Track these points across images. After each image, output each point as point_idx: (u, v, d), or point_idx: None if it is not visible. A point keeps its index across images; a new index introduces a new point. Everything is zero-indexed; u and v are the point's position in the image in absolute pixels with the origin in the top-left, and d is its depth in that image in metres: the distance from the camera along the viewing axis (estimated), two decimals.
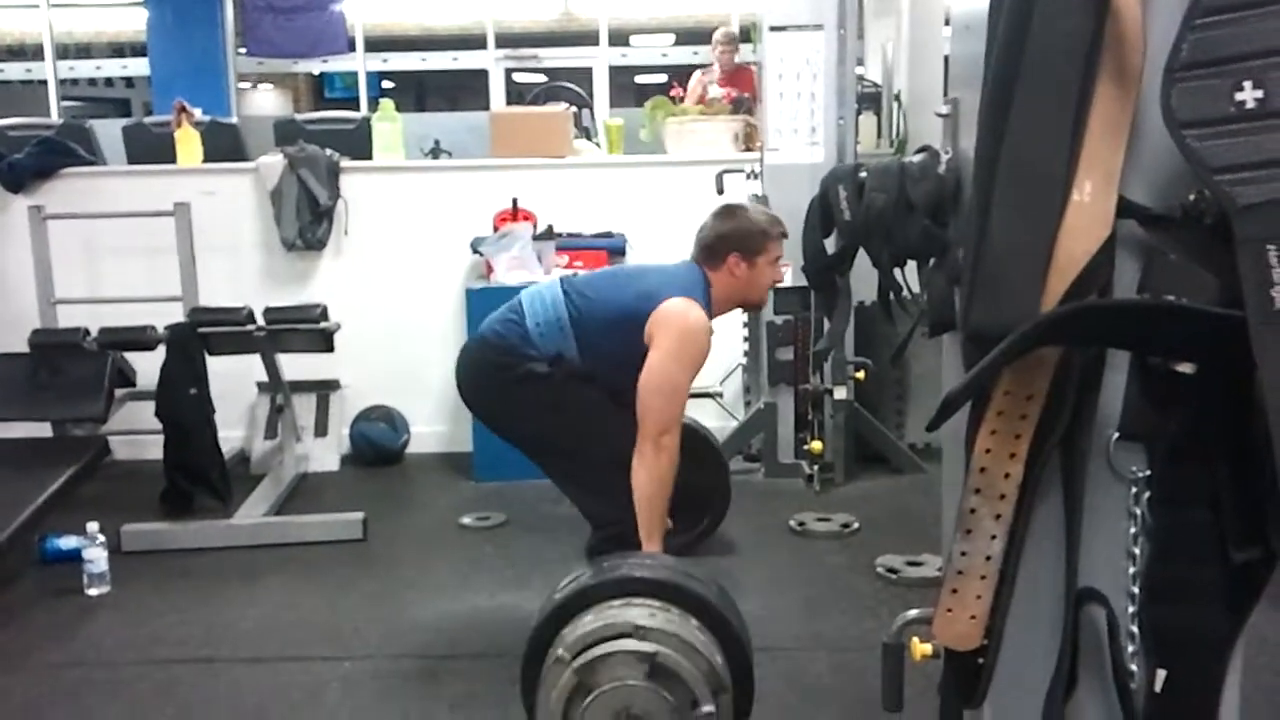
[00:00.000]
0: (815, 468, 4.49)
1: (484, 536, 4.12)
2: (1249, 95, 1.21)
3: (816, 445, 4.47)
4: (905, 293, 1.65)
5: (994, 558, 1.38)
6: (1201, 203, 1.28)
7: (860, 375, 4.51)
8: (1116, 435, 1.34)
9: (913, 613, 1.74)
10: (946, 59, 4.87)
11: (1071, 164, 1.28)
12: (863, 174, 1.59)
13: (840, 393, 4.52)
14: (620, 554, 2.67)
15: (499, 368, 3.20)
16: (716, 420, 4.88)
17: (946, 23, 4.99)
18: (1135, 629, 1.36)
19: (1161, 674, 1.36)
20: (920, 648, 1.67)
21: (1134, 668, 1.36)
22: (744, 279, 3.23)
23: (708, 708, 2.15)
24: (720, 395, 5.00)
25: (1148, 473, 1.34)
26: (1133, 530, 1.35)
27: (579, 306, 3.17)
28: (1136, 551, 1.35)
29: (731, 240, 3.22)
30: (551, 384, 3.14)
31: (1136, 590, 1.36)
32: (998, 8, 1.34)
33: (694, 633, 2.23)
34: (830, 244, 1.76)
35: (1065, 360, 1.32)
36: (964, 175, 1.47)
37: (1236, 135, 1.21)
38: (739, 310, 3.44)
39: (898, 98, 5.26)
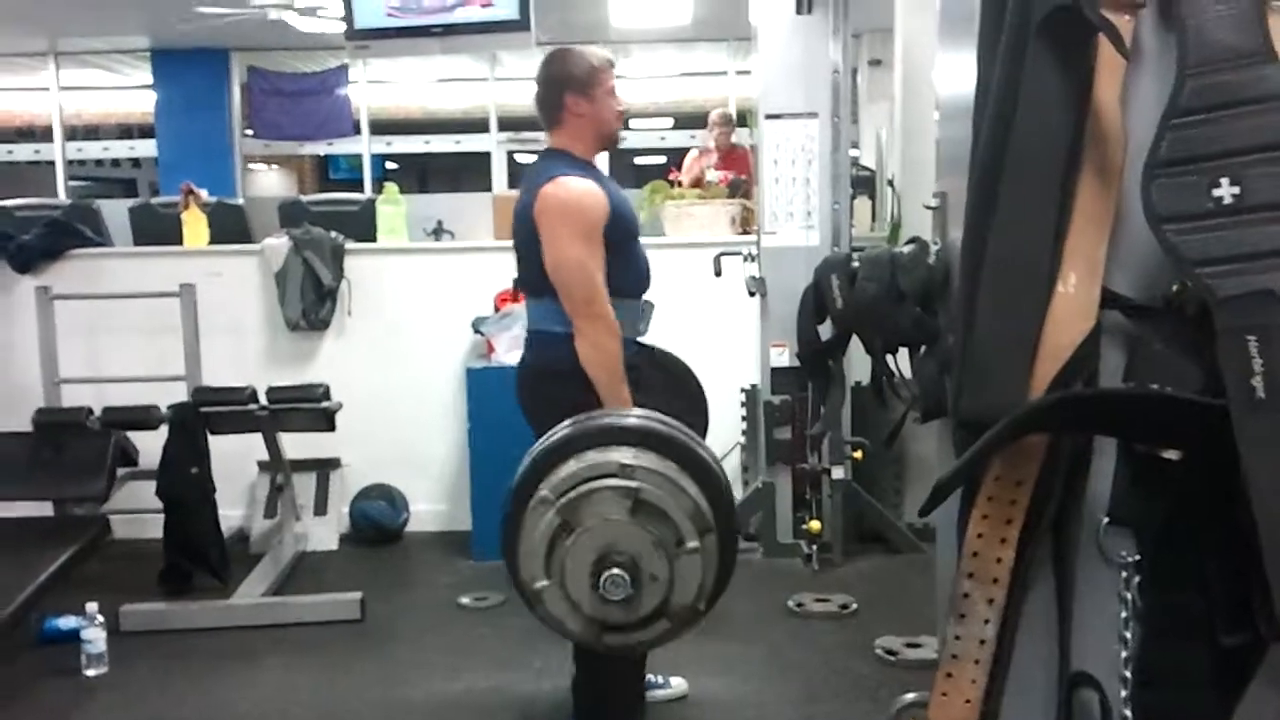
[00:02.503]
0: (813, 547, 4.49)
1: (481, 617, 4.10)
2: (1226, 191, 1.26)
3: (815, 525, 4.48)
4: (897, 379, 1.69)
5: (988, 642, 1.40)
6: (1184, 294, 1.32)
7: (858, 455, 4.53)
8: (1106, 520, 1.37)
9: (909, 696, 1.75)
10: (938, 144, 4.96)
11: (1056, 256, 1.33)
12: (855, 264, 1.64)
13: (838, 472, 4.54)
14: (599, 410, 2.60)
15: (546, 399, 3.08)
16: None
17: (938, 108, 5.09)
18: (1128, 713, 1.37)
19: None
20: None
21: None
22: (589, 115, 3.09)
23: (693, 544, 2.13)
24: None
25: (1137, 557, 1.36)
26: (1124, 614, 1.37)
27: (522, 275, 3.12)
28: (1128, 635, 1.37)
29: (561, 82, 3.11)
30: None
31: (1129, 674, 1.37)
32: (982, 103, 1.39)
33: (678, 474, 2.20)
34: (825, 330, 1.81)
35: (1054, 447, 1.35)
36: (953, 265, 1.51)
37: (1215, 230, 1.26)
38: (606, 149, 3.33)
39: (891, 182, 5.35)
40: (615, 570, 2.03)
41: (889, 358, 1.66)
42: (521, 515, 2.16)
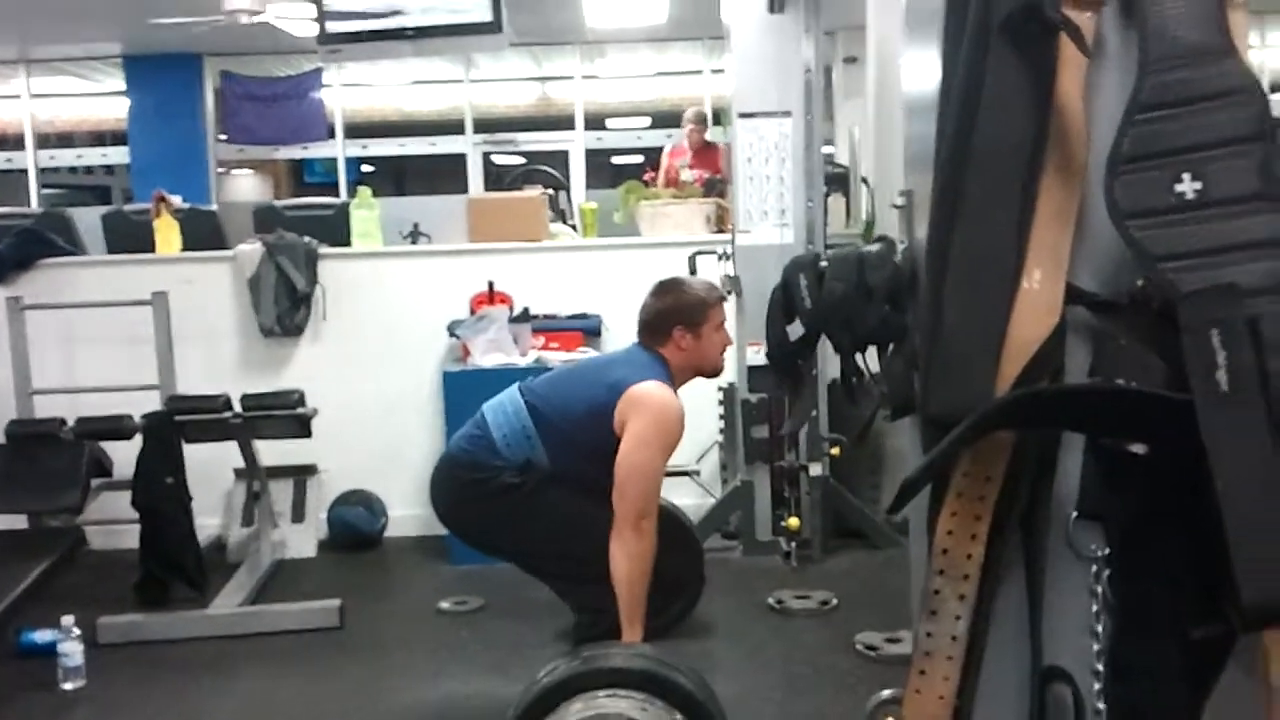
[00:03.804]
0: (793, 544, 4.49)
1: (461, 622, 4.09)
2: (1188, 187, 1.27)
3: (794, 522, 4.48)
4: (867, 377, 1.69)
5: (960, 638, 1.40)
6: (1148, 289, 1.32)
7: (835, 451, 4.54)
8: (1075, 515, 1.37)
9: (885, 693, 1.74)
10: (905, 142, 4.97)
11: (1020, 253, 1.33)
12: (823, 263, 1.64)
13: (816, 469, 4.54)
14: (603, 643, 2.68)
15: (469, 485, 3.26)
16: (694, 498, 4.89)
17: (904, 106, 5.10)
18: (1101, 706, 1.37)
19: None
20: None
21: None
22: (692, 349, 3.29)
23: None
24: (698, 473, 5.02)
25: (1107, 551, 1.37)
26: (1095, 608, 1.37)
27: (542, 409, 3.23)
28: (1099, 629, 1.37)
29: (673, 315, 3.29)
30: (524, 492, 3.20)
31: (1101, 668, 1.37)
32: (946, 100, 1.39)
33: None
34: (795, 330, 1.81)
35: (1021, 443, 1.35)
36: (919, 263, 1.52)
37: (1177, 225, 1.27)
38: (702, 379, 3.50)
39: (865, 180, 5.37)
40: None
41: (858, 356, 1.66)
42: None
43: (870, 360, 1.67)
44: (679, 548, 3.67)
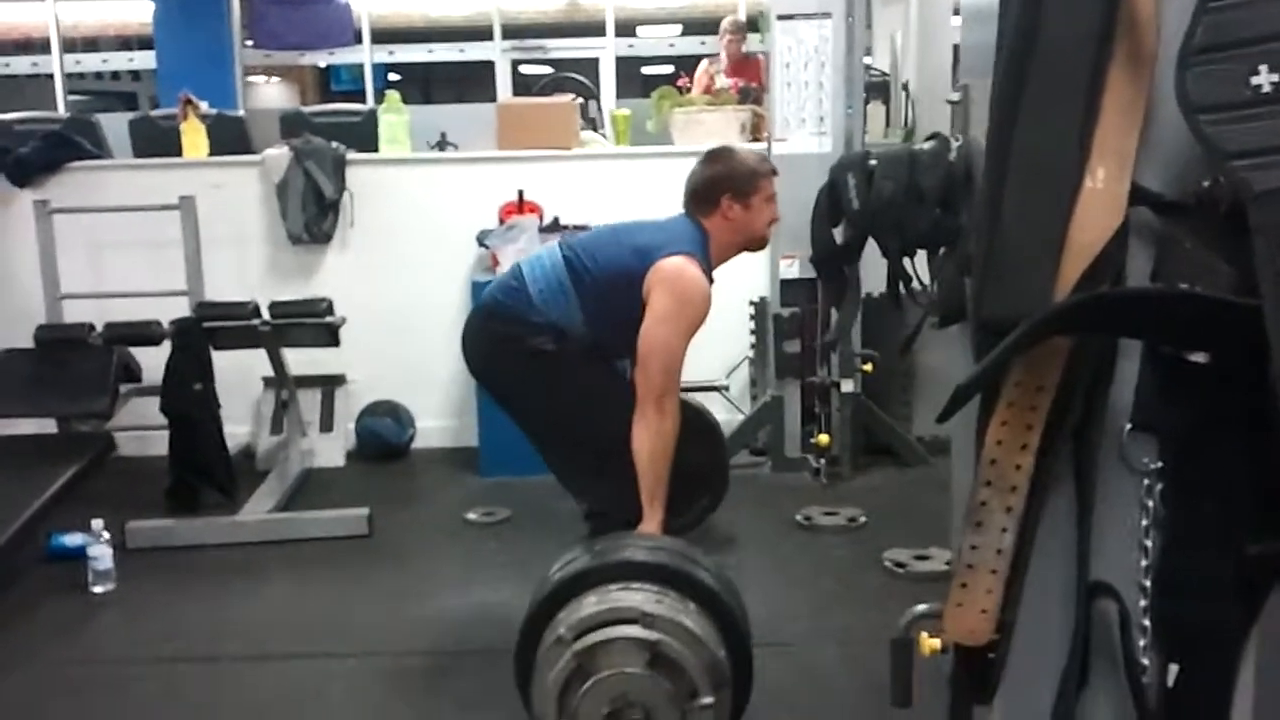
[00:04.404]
0: (822, 461, 4.47)
1: (489, 532, 4.10)
2: (1265, 79, 1.19)
3: (823, 439, 4.45)
4: (915, 283, 1.62)
5: (1005, 551, 1.36)
6: (1216, 189, 1.25)
7: (868, 368, 4.48)
8: (1129, 426, 1.32)
9: (921, 607, 1.71)
10: (955, 49, 4.84)
11: (1084, 151, 1.26)
12: (872, 162, 1.57)
13: (847, 385, 4.50)
14: (617, 535, 2.65)
15: (504, 339, 3.16)
16: (723, 414, 4.84)
17: (955, 13, 4.96)
18: (1147, 622, 1.34)
19: (1174, 668, 1.34)
20: (929, 643, 1.65)
21: (1146, 662, 1.34)
22: (740, 220, 3.18)
23: (707, 700, 2.12)
24: (727, 388, 4.98)
25: (1160, 464, 1.32)
26: (1144, 522, 1.33)
27: (579, 267, 3.14)
28: (1148, 544, 1.33)
29: (723, 183, 3.18)
30: (557, 362, 3.09)
31: (1148, 583, 1.33)
32: None
33: (697, 622, 2.20)
34: (839, 234, 1.74)
35: (1077, 350, 1.30)
36: (975, 163, 1.45)
37: (1252, 120, 1.19)
38: (744, 254, 3.39)
39: (905, 87, 5.23)
40: None
41: (906, 260, 1.60)
42: (536, 647, 2.18)
43: (919, 265, 1.60)
44: (703, 440, 3.60)
